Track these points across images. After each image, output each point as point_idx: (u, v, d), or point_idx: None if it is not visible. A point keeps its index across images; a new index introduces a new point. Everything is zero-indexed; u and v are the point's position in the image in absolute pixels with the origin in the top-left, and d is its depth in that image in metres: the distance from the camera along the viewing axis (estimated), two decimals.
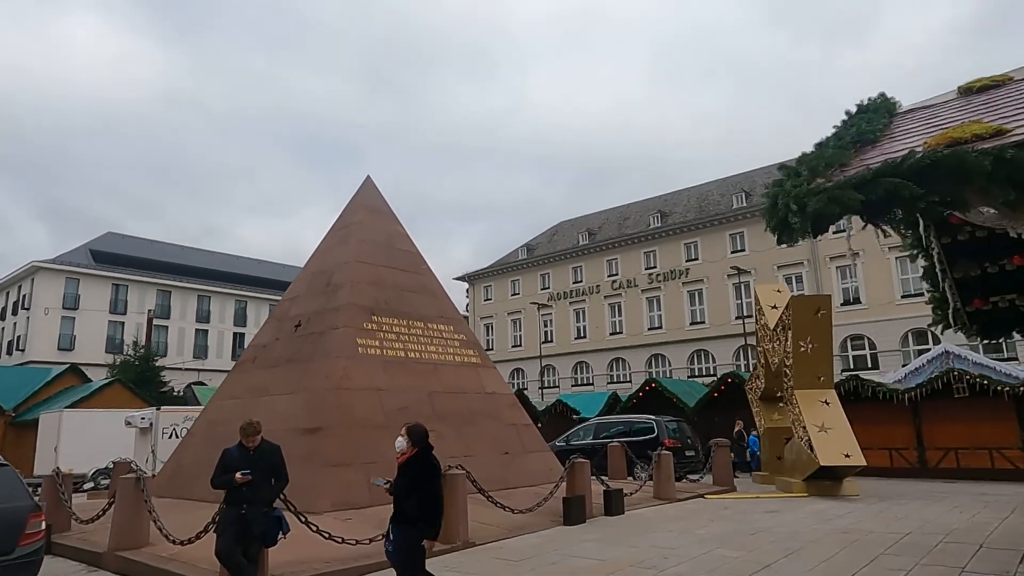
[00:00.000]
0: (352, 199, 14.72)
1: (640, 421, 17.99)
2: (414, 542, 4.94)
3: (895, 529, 8.37)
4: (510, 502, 9.80)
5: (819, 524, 9.00)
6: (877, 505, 10.98)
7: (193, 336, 55.24)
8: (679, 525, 9.23)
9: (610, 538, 8.27)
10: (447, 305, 14.26)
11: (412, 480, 4.99)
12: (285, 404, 11.39)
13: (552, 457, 13.52)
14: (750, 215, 41.46)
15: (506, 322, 52.98)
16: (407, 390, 11.81)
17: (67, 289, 49.22)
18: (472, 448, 11.87)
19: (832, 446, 12.29)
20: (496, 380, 13.95)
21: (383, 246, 13.78)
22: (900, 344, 35.08)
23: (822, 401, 13.19)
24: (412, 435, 5.12)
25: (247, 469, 5.70)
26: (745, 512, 10.45)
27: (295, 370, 11.93)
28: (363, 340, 11.91)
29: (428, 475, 5.05)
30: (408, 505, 4.93)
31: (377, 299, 12.72)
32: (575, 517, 9.39)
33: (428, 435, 5.21)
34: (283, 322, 13.37)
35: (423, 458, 5.10)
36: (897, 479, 15.98)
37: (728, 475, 14.08)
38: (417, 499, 4.90)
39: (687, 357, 42.52)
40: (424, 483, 4.99)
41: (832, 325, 13.62)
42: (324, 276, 13.34)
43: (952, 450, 16.90)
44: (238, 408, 12.29)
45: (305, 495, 9.51)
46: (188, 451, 12.63)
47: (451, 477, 8.14)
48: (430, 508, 4.98)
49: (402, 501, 4.98)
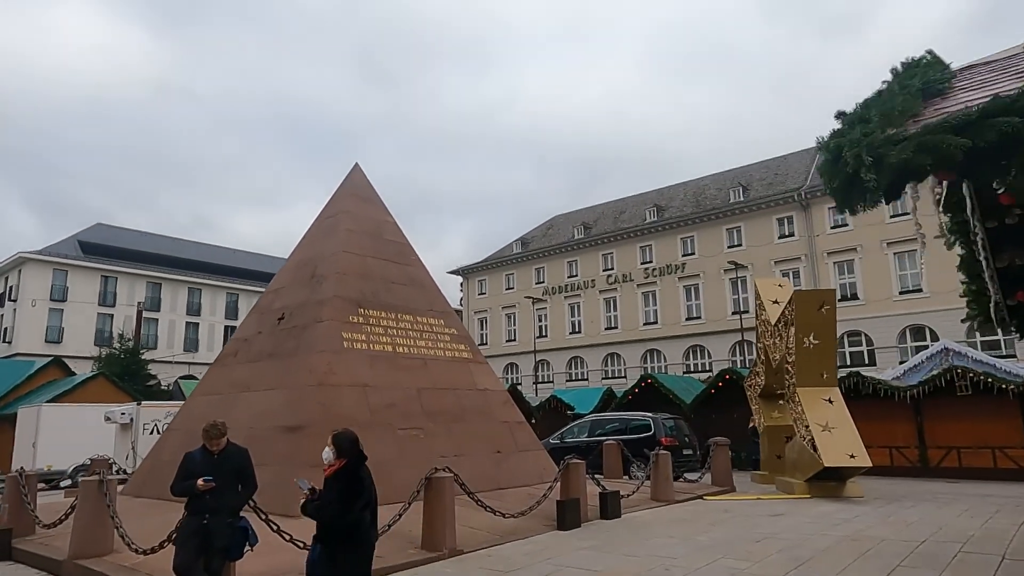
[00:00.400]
0: (340, 187, 14.16)
1: (636, 418, 17.54)
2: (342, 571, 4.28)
3: (908, 536, 7.92)
4: (501, 504, 9.30)
5: (827, 529, 8.54)
6: (884, 508, 10.54)
7: (184, 329, 54.64)
8: (679, 530, 8.75)
9: (607, 545, 7.79)
10: (438, 298, 13.73)
11: (338, 499, 4.27)
12: (266, 401, 10.88)
13: (546, 456, 13.04)
14: (747, 209, 41.04)
15: (500, 316, 52.48)
16: (395, 386, 11.30)
17: (55, 281, 48.50)
18: (463, 447, 11.38)
19: (836, 446, 11.85)
20: (488, 376, 13.44)
21: (371, 236, 13.24)
22: (898, 340, 34.76)
23: (825, 399, 12.74)
24: (339, 444, 4.39)
25: (210, 475, 5.17)
26: (747, 515, 9.99)
27: (277, 365, 11.41)
28: (349, 334, 11.38)
29: (355, 491, 4.31)
30: (330, 526, 4.30)
31: (364, 291, 12.18)
32: (570, 521, 8.90)
33: (359, 443, 4.47)
34: (266, 315, 12.84)
35: (353, 472, 4.36)
36: (898, 478, 15.62)
37: (727, 475, 13.63)
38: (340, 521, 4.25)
39: (682, 353, 42.13)
40: (351, 502, 4.27)
41: (836, 321, 13.16)
42: (309, 267, 12.80)
43: (954, 449, 16.55)
44: (218, 404, 11.79)
45: (284, 497, 9.01)
46: (166, 449, 12.09)
47: (437, 480, 7.64)
48: (355, 536, 4.31)
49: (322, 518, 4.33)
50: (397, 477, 9.81)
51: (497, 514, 8.33)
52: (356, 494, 4.32)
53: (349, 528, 4.30)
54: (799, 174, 42.22)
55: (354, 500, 4.30)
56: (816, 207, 38.52)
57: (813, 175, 40.88)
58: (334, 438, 4.44)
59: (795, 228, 39.23)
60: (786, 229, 39.62)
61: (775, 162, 45.93)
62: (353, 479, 4.34)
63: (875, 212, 30.32)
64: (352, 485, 4.31)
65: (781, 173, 43.77)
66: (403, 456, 10.41)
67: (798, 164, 43.75)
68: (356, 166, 14.47)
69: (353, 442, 4.43)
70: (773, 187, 42.28)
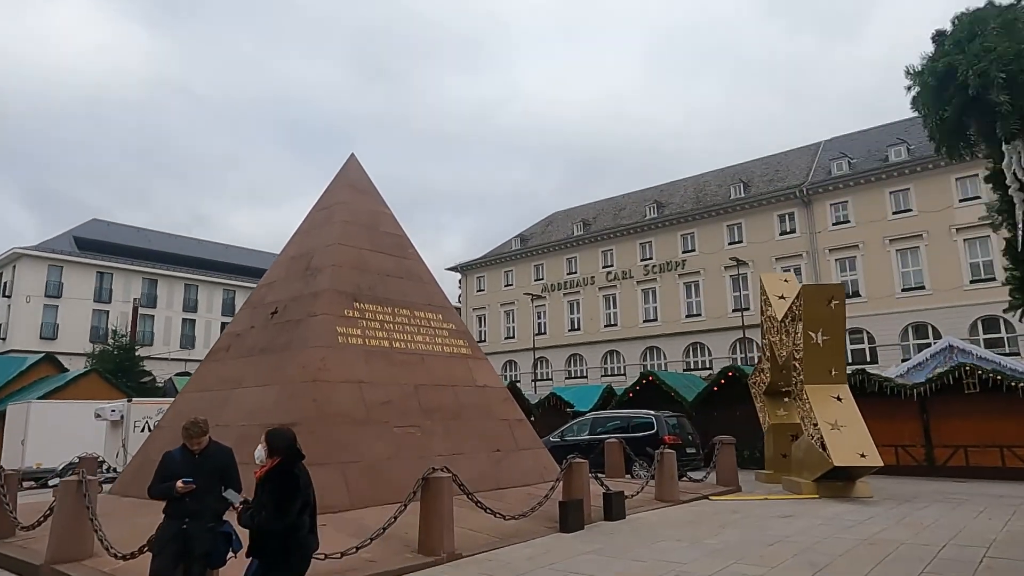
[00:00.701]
0: (335, 178, 13.77)
1: (639, 416, 17.19)
2: None
3: (926, 540, 7.57)
4: (502, 505, 8.95)
5: (840, 532, 8.19)
6: (896, 509, 10.20)
7: (180, 326, 54.28)
8: (687, 533, 8.40)
9: (612, 549, 7.43)
10: (436, 292, 13.35)
11: (271, 501, 3.83)
12: (258, 397, 10.50)
13: (547, 455, 12.68)
14: (748, 206, 40.71)
15: (499, 313, 52.13)
16: (391, 383, 10.93)
17: (50, 277, 48.10)
18: (461, 445, 11.03)
19: (846, 445, 11.49)
20: (488, 372, 13.07)
21: (367, 228, 12.85)
22: (900, 338, 34.48)
23: (834, 397, 12.38)
24: (271, 442, 3.99)
25: (190, 476, 4.80)
26: (756, 517, 9.64)
27: (270, 360, 11.03)
28: (343, 328, 11.00)
29: (290, 493, 3.88)
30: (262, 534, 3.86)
31: (360, 285, 11.80)
32: (573, 523, 8.55)
33: (296, 442, 4.07)
34: (259, 309, 12.46)
35: (286, 471, 3.94)
36: (904, 477, 15.30)
37: (733, 474, 13.29)
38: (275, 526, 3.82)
39: (683, 350, 41.82)
40: (287, 504, 3.84)
41: (845, 316, 12.80)
42: (303, 260, 12.42)
43: (961, 448, 16.23)
44: (209, 401, 11.42)
45: None
46: (156, 446, 11.69)
47: (435, 481, 7.27)
48: (291, 544, 3.89)
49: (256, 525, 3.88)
50: (393, 477, 9.47)
51: (497, 516, 7.97)
52: (291, 495, 3.89)
53: (285, 534, 3.87)
54: (801, 170, 41.89)
55: (289, 502, 3.87)
56: (818, 203, 38.20)
57: (815, 171, 40.57)
58: (267, 435, 4.05)
59: (796, 225, 38.91)
60: (787, 226, 39.30)
61: (776, 158, 45.59)
62: (287, 478, 3.91)
63: (878, 209, 29.91)
64: (286, 485, 3.88)
65: (782, 169, 43.44)
66: (399, 455, 10.05)
67: (800, 160, 43.42)
68: (352, 157, 14.07)
69: (288, 440, 4.04)
70: (774, 183, 41.94)
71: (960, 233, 33.38)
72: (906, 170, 35.32)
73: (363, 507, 8.98)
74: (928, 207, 34.40)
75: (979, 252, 33.02)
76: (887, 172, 35.98)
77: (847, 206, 37.23)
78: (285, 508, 3.82)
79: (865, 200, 36.49)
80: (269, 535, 3.88)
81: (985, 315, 32.20)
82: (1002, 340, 31.51)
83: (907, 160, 35.85)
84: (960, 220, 33.37)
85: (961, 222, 33.31)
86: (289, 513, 3.86)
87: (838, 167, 38.71)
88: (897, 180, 35.67)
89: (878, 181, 36.24)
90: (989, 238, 32.65)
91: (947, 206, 33.91)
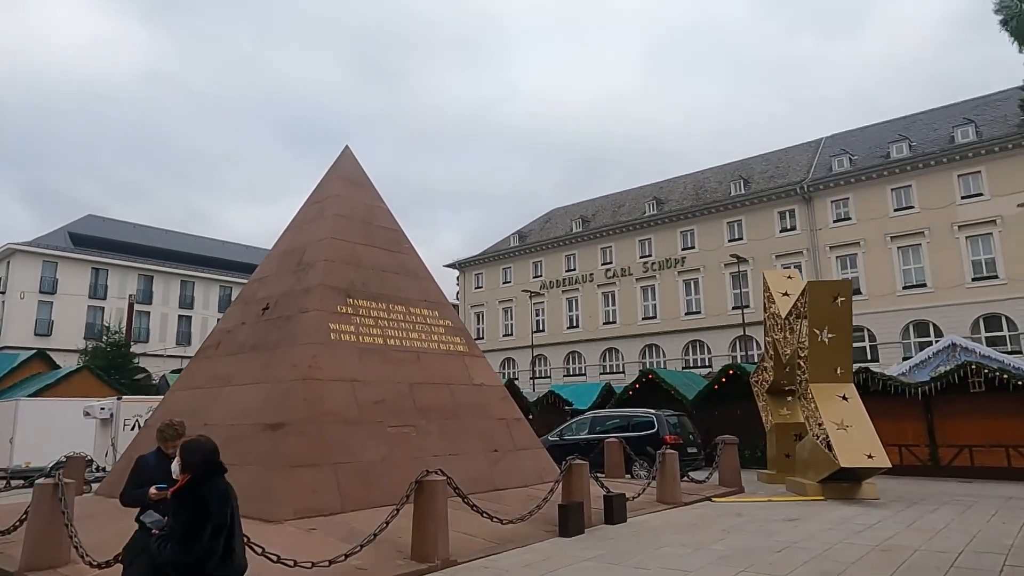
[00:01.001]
0: (328, 170, 13.43)
1: (639, 415, 16.90)
2: None
3: (941, 546, 7.26)
4: (499, 507, 8.64)
5: (850, 537, 7.89)
6: (905, 512, 9.90)
7: (176, 322, 53.93)
8: (691, 537, 8.09)
9: (614, 556, 7.12)
10: (432, 288, 13.02)
11: (179, 528, 3.27)
12: (248, 396, 10.17)
13: (545, 455, 12.37)
14: (748, 203, 40.39)
15: (497, 311, 51.81)
16: (385, 381, 10.60)
17: (44, 273, 47.71)
18: (457, 445, 10.71)
19: (853, 445, 11.19)
20: (485, 370, 12.74)
21: (361, 222, 12.51)
22: (901, 336, 34.21)
23: (840, 396, 12.07)
24: (184, 455, 3.42)
25: (164, 482, 4.46)
26: (762, 520, 9.33)
27: (260, 358, 10.70)
28: (336, 325, 10.67)
29: (199, 517, 3.27)
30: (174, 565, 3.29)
31: (353, 280, 11.47)
32: (572, 527, 8.23)
33: (216, 453, 3.49)
34: (250, 305, 12.13)
35: (194, 492, 3.33)
36: (908, 477, 15.03)
37: (736, 475, 12.99)
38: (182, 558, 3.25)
39: (682, 348, 41.55)
40: (196, 531, 3.24)
41: (852, 313, 12.49)
42: (295, 255, 12.08)
43: (966, 447, 15.96)
44: (198, 399, 11.12)
45: (263, 501, 8.33)
46: (143, 447, 11.36)
47: (429, 483, 6.95)
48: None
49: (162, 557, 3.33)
50: (387, 478, 9.15)
51: (494, 519, 7.65)
52: (199, 521, 3.25)
53: (196, 565, 3.28)
54: (801, 166, 41.58)
55: (198, 530, 3.23)
56: (818, 200, 37.90)
57: (815, 168, 40.26)
58: (181, 447, 3.45)
59: (797, 222, 38.62)
60: (788, 223, 39.01)
61: (777, 154, 45.27)
62: (196, 501, 3.29)
63: (879, 206, 29.61)
64: (195, 508, 3.27)
65: (783, 166, 43.12)
66: (393, 456, 9.73)
67: (800, 157, 43.11)
68: (346, 149, 13.72)
69: (205, 452, 3.44)
70: (775, 180, 41.63)
71: (962, 230, 33.10)
72: (908, 167, 35.02)
73: (355, 510, 8.68)
74: (930, 204, 34.11)
75: (981, 249, 32.75)
76: (889, 169, 35.68)
77: (848, 203, 36.93)
78: (193, 536, 3.18)
79: (866, 197, 36.19)
80: (178, 568, 3.30)
81: (987, 313, 31.95)
82: (1004, 338, 31.25)
83: (909, 157, 35.55)
84: (962, 217, 33.10)
85: (963, 219, 33.04)
86: (198, 542, 3.21)
87: (839, 163, 38.40)
88: (899, 177, 35.37)
89: (880, 178, 35.94)
90: (991, 235, 32.42)
91: (949, 203, 33.63)
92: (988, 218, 32.42)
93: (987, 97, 38.15)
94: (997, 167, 32.58)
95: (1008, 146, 32.30)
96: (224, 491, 3.44)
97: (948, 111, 38.83)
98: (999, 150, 32.55)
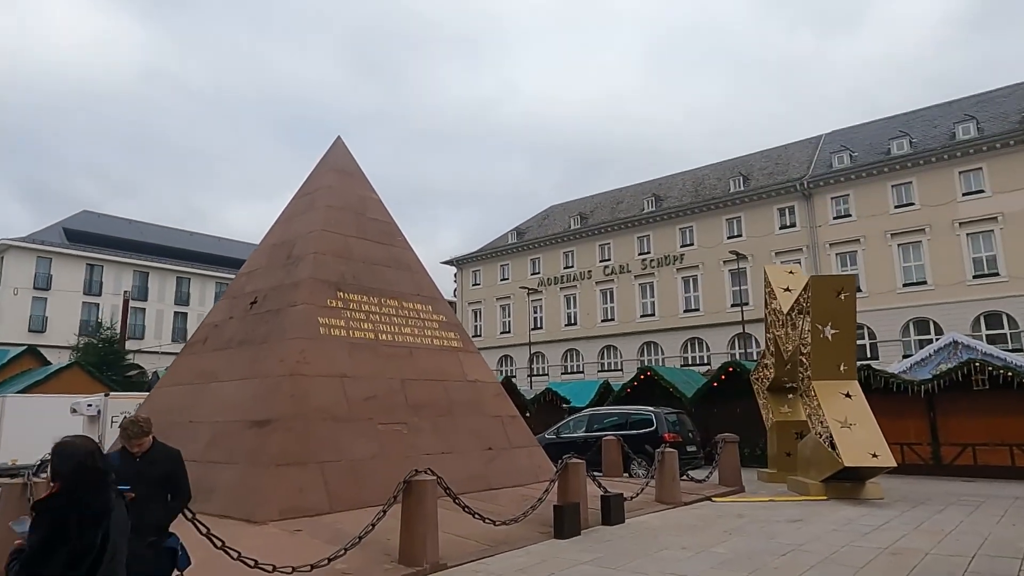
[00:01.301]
0: (320, 162, 13.10)
1: (637, 413, 16.60)
2: None
3: (952, 550, 6.97)
4: (493, 507, 8.35)
5: (857, 540, 7.59)
6: (911, 513, 9.61)
7: (172, 319, 53.53)
8: (692, 539, 7.79)
9: (612, 559, 6.81)
10: (425, 282, 12.69)
11: (31, 546, 2.57)
12: (234, 392, 9.87)
13: (541, 454, 12.06)
14: (748, 199, 40.09)
15: (494, 308, 51.48)
16: (376, 377, 10.29)
17: (39, 269, 47.27)
18: (450, 443, 10.41)
19: (857, 444, 10.89)
20: (479, 366, 12.43)
21: (353, 214, 12.18)
22: (901, 334, 33.95)
23: (844, 393, 11.77)
24: (54, 460, 2.72)
25: (128, 483, 4.15)
26: (764, 521, 9.04)
27: (248, 353, 10.38)
28: (326, 319, 10.35)
29: (54, 537, 2.55)
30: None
31: (344, 273, 11.15)
32: (568, 529, 7.93)
33: (93, 458, 2.74)
34: (238, 299, 11.80)
35: (56, 505, 2.62)
36: (910, 476, 14.78)
37: (737, 474, 12.70)
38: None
39: (680, 345, 41.26)
40: (43, 554, 2.53)
41: (856, 309, 12.19)
42: (285, 248, 11.76)
43: (969, 446, 15.70)
44: (184, 396, 10.80)
45: (248, 500, 8.03)
46: None
47: (418, 484, 6.63)
48: None
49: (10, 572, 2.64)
50: (377, 477, 8.84)
51: (487, 521, 7.35)
52: (52, 542, 2.56)
53: None
54: (801, 163, 41.28)
55: (50, 552, 2.55)
56: (818, 197, 37.61)
57: (815, 164, 39.96)
58: (52, 449, 2.76)
59: (796, 218, 38.33)
60: (787, 219, 38.71)
61: (776, 151, 44.96)
62: (55, 518, 2.59)
63: (879, 202, 29.38)
64: (52, 527, 2.57)
65: (783, 162, 42.82)
66: (384, 454, 9.43)
67: (800, 153, 42.81)
68: (338, 139, 13.39)
69: (78, 459, 2.70)
70: (774, 176, 41.33)
71: (963, 227, 32.82)
72: (908, 163, 34.72)
73: (344, 510, 8.36)
74: (930, 201, 33.82)
75: (982, 247, 32.48)
76: (889, 165, 35.37)
77: (848, 200, 36.64)
78: (41, 560, 2.52)
79: (866, 194, 35.90)
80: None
81: (988, 311, 31.69)
82: (1005, 336, 31.01)
83: (909, 153, 35.25)
84: (963, 214, 32.82)
85: (964, 216, 32.76)
86: (45, 568, 2.52)
87: (839, 160, 38.10)
88: (899, 173, 35.07)
89: (880, 174, 35.64)
90: (992, 232, 32.14)
91: (950, 200, 33.34)
92: (989, 215, 32.15)
93: (988, 93, 37.87)
94: (998, 164, 32.30)
95: (1009, 143, 32.02)
96: (97, 510, 2.68)
97: (949, 108, 38.54)
98: (1000, 147, 32.27)
